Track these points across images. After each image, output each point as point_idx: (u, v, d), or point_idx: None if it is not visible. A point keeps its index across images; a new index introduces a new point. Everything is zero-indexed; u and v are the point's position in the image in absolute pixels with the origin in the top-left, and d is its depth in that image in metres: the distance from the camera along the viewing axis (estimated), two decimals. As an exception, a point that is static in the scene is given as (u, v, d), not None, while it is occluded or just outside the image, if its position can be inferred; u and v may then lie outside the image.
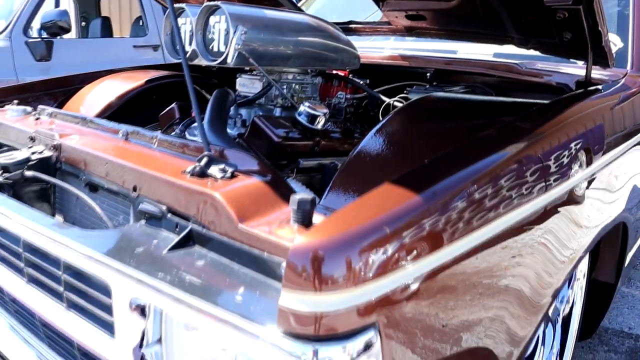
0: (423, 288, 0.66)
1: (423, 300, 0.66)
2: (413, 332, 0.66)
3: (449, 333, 0.73)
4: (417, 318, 0.66)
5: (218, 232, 0.78)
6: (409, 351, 0.66)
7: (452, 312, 0.71)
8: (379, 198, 0.67)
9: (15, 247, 1.00)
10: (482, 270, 0.76)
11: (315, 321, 0.58)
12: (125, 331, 0.80)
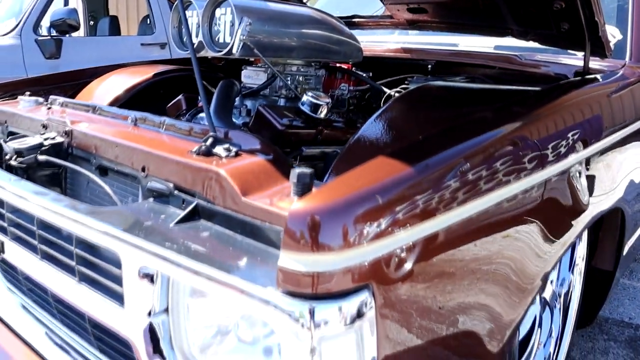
0: (414, 255, 0.70)
1: (414, 267, 0.70)
2: (405, 296, 0.70)
3: (440, 302, 0.77)
4: (409, 283, 0.70)
5: (222, 206, 0.82)
6: (402, 314, 0.70)
7: (443, 280, 0.75)
8: (373, 169, 0.71)
9: (30, 226, 1.05)
10: (472, 245, 0.80)
11: (312, 280, 0.62)
12: (134, 301, 0.84)
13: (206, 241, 0.77)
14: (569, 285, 1.47)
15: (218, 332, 0.82)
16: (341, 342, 0.64)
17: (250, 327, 0.79)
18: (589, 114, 1.21)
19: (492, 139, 0.87)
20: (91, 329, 0.99)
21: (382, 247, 0.66)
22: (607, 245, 1.58)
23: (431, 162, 0.75)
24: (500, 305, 0.91)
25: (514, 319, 0.96)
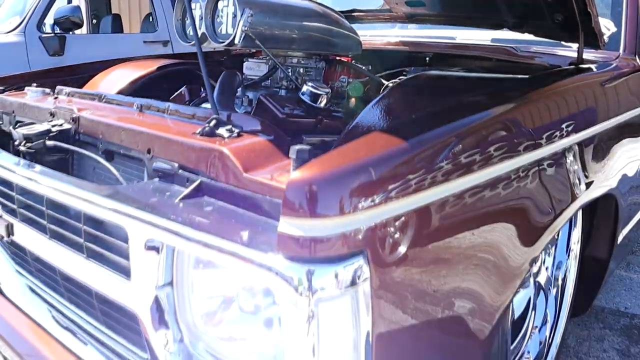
0: (406, 225, 0.74)
1: (406, 236, 0.74)
2: (399, 263, 0.74)
3: (432, 273, 0.81)
4: (402, 252, 0.74)
5: (225, 182, 0.86)
6: (396, 280, 0.74)
7: (434, 251, 0.79)
8: (369, 142, 0.76)
9: (39, 206, 1.09)
10: (461, 219, 0.84)
11: (309, 245, 0.66)
12: (140, 274, 0.88)
13: (209, 214, 0.81)
14: (565, 269, 1.51)
15: (221, 303, 0.86)
16: (338, 305, 0.68)
17: (251, 298, 0.83)
18: (582, 100, 1.25)
19: (484, 119, 0.91)
20: (98, 305, 1.03)
21: (376, 215, 0.70)
22: (602, 233, 1.62)
23: (424, 138, 0.80)
24: (489, 282, 0.95)
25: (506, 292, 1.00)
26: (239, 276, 0.82)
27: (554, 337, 1.51)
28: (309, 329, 0.68)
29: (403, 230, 0.74)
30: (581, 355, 1.70)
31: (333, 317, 0.68)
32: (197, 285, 0.86)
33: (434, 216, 0.79)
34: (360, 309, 0.70)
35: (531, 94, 1.07)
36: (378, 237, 0.71)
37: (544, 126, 1.05)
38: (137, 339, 0.98)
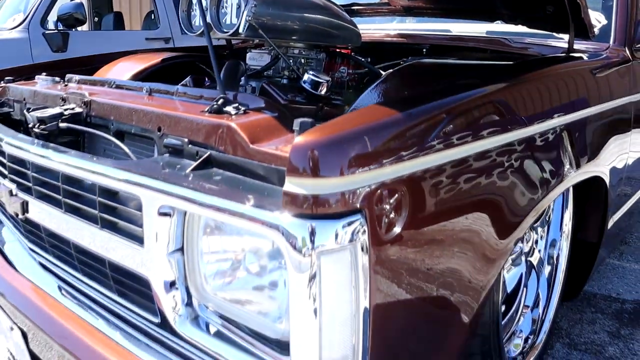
0: (400, 189, 0.81)
1: (401, 198, 0.81)
2: (393, 224, 0.81)
3: (425, 235, 0.88)
4: (397, 213, 0.81)
5: (233, 154, 0.93)
6: (391, 238, 0.80)
7: (428, 214, 0.86)
8: (367, 113, 0.82)
9: (55, 182, 1.16)
10: (450, 188, 0.91)
11: (312, 202, 0.73)
12: (152, 240, 0.95)
13: (219, 182, 0.88)
14: (558, 249, 1.58)
15: (228, 266, 0.93)
16: (338, 258, 0.75)
17: (257, 260, 0.89)
18: (571, 84, 1.32)
19: (473, 96, 0.98)
20: (111, 274, 1.10)
21: (372, 178, 0.77)
22: (593, 218, 1.69)
23: (416, 111, 0.87)
24: (478, 246, 1.01)
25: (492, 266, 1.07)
26: (245, 239, 0.89)
27: (547, 315, 1.58)
28: (311, 281, 0.75)
29: (397, 193, 0.81)
30: (573, 337, 1.77)
31: (333, 270, 0.75)
32: (206, 249, 0.93)
33: (425, 182, 0.86)
34: (358, 263, 0.76)
35: (520, 77, 1.14)
36: (375, 199, 0.78)
37: (532, 106, 1.12)
38: (149, 305, 1.05)
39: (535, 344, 1.53)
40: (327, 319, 0.77)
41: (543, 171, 1.17)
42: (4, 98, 1.75)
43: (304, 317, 0.77)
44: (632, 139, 1.72)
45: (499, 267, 1.08)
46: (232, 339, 0.93)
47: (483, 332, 1.15)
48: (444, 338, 0.98)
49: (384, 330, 0.83)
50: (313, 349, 0.78)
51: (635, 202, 2.09)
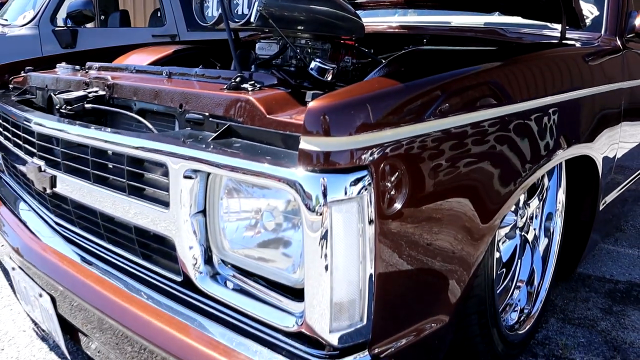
0: (401, 150, 0.92)
1: (402, 158, 0.92)
2: (395, 179, 0.92)
3: (424, 191, 0.98)
4: (399, 170, 0.92)
5: (250, 124, 1.04)
6: (391, 193, 0.91)
7: (424, 174, 0.97)
8: (371, 84, 0.94)
9: (84, 156, 1.27)
10: (445, 153, 1.02)
11: (324, 158, 0.84)
12: (177, 202, 1.06)
13: (238, 148, 0.99)
14: (553, 223, 1.68)
15: (247, 225, 1.04)
16: (346, 209, 0.86)
17: (273, 218, 1.00)
18: (563, 66, 1.43)
19: (468, 72, 1.09)
20: (136, 239, 1.21)
21: (376, 138, 0.88)
22: (586, 199, 1.80)
23: (415, 83, 0.98)
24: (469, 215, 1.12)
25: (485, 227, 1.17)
26: (262, 200, 1.00)
27: (542, 286, 1.69)
28: (323, 231, 0.85)
29: (400, 153, 0.92)
30: (567, 313, 1.87)
31: (343, 219, 0.86)
32: (226, 210, 1.04)
33: (423, 146, 0.97)
34: (364, 213, 0.87)
35: (512, 58, 1.25)
36: (381, 155, 0.89)
37: (522, 85, 1.23)
38: (171, 265, 1.16)
39: (531, 314, 1.64)
40: (338, 264, 0.88)
41: (532, 147, 1.28)
42: (26, 86, 1.87)
43: (317, 262, 0.88)
44: (622, 125, 1.83)
45: (494, 229, 1.18)
46: (249, 291, 1.04)
47: (479, 292, 1.25)
48: (444, 289, 1.09)
49: (388, 277, 0.94)
50: (325, 293, 0.89)
51: (627, 189, 2.19)
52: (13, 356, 1.53)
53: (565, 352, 1.63)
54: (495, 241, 1.28)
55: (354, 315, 0.92)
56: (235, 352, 0.97)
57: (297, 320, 0.95)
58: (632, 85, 1.88)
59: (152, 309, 1.12)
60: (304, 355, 0.95)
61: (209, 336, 1.02)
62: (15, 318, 1.73)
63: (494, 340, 1.37)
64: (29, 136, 1.51)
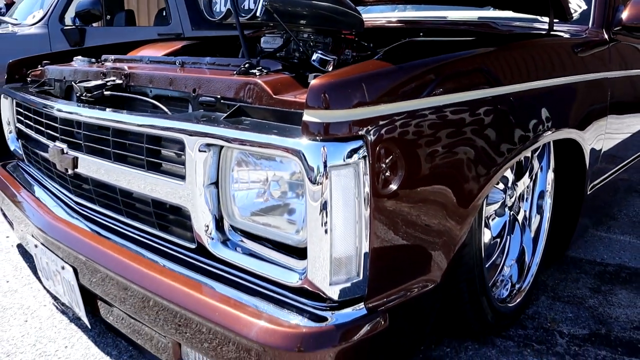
0: (394, 122, 1.05)
1: (393, 131, 1.05)
2: (386, 149, 1.05)
3: (415, 154, 1.11)
4: (391, 140, 1.05)
5: (258, 104, 1.18)
6: (385, 158, 1.04)
7: (413, 145, 1.10)
8: (367, 65, 1.07)
9: (105, 137, 1.40)
10: (434, 128, 1.15)
11: (324, 128, 0.97)
12: (192, 174, 1.19)
13: (248, 125, 1.12)
14: (545, 201, 1.81)
15: (255, 193, 1.17)
16: (344, 173, 0.99)
17: (279, 186, 1.13)
18: (552, 54, 1.56)
19: (458, 57, 1.22)
20: (154, 211, 1.34)
21: (371, 112, 1.01)
22: (575, 182, 1.92)
23: (407, 65, 1.11)
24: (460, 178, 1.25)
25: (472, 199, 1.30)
26: (269, 171, 1.13)
27: (533, 261, 1.81)
28: (324, 192, 0.98)
29: (392, 125, 1.05)
30: (557, 292, 1.99)
31: (341, 182, 0.99)
32: (237, 180, 1.17)
33: (415, 119, 1.10)
34: (360, 178, 1.00)
35: (501, 45, 1.38)
36: (375, 127, 1.02)
37: (510, 69, 1.36)
38: (186, 234, 1.29)
39: (521, 288, 1.76)
40: (337, 223, 1.01)
41: (517, 128, 1.40)
42: (44, 78, 2.00)
43: (318, 222, 1.00)
44: (608, 113, 1.95)
45: (481, 198, 1.30)
46: (256, 253, 1.17)
47: (468, 261, 1.38)
48: (433, 253, 1.21)
49: (381, 237, 1.07)
50: (325, 249, 1.02)
51: (618, 177, 2.31)
52: (36, 326, 1.66)
53: (553, 325, 1.75)
54: (482, 213, 1.41)
55: (351, 270, 1.05)
56: (245, 306, 1.10)
57: (300, 276, 1.08)
58: (618, 75, 2.00)
59: (170, 273, 1.25)
60: (306, 308, 1.08)
61: (221, 293, 1.15)
62: (36, 294, 1.87)
63: (483, 308, 1.49)
64: (51, 122, 1.65)
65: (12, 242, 2.35)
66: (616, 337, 1.70)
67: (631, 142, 2.31)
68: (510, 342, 1.65)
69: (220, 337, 1.09)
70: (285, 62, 1.75)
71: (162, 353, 1.31)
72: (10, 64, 2.24)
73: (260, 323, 1.05)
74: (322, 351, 1.02)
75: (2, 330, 1.64)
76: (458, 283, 1.40)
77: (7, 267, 2.09)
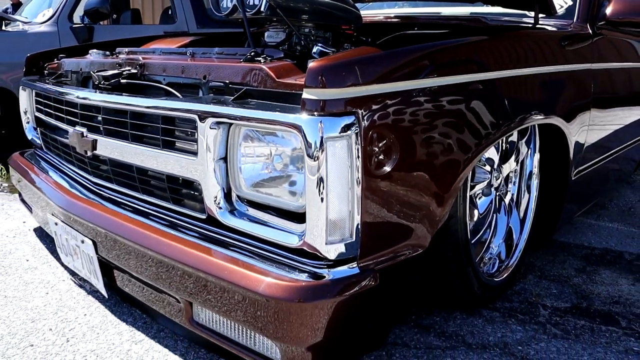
0: (383, 101, 1.21)
1: (381, 110, 1.21)
2: (375, 124, 1.20)
3: (402, 130, 1.27)
4: (380, 116, 1.20)
5: (263, 87, 1.33)
6: (374, 133, 1.20)
7: (402, 116, 1.26)
8: (360, 51, 1.23)
9: (123, 118, 1.56)
10: (421, 106, 1.30)
11: (321, 105, 1.13)
12: (204, 149, 1.35)
13: (254, 104, 1.28)
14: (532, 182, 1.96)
15: (260, 166, 1.32)
16: (338, 144, 1.14)
17: (281, 161, 1.29)
18: (535, 44, 1.71)
19: (443, 45, 1.38)
20: (168, 186, 1.50)
21: (363, 91, 1.17)
22: (559, 166, 2.07)
23: (396, 51, 1.27)
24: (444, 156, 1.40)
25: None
26: (272, 146, 1.29)
27: (520, 238, 1.96)
28: (321, 161, 1.14)
29: (383, 104, 1.20)
30: (544, 271, 2.14)
31: (336, 152, 1.14)
32: (243, 154, 1.33)
33: (403, 98, 1.26)
34: (352, 149, 1.16)
35: (499, 36, 1.55)
36: (366, 105, 1.17)
37: (493, 57, 1.51)
38: (197, 206, 1.45)
39: (509, 264, 1.91)
40: (332, 188, 1.16)
41: (497, 112, 1.55)
42: (61, 70, 2.17)
43: (316, 188, 1.16)
44: (592, 104, 2.10)
45: (466, 172, 1.45)
46: (261, 219, 1.33)
47: (454, 232, 1.53)
48: (420, 220, 1.36)
49: (372, 202, 1.22)
50: (321, 214, 1.17)
51: (605, 165, 2.46)
52: (56, 298, 1.82)
53: (537, 299, 1.90)
54: (467, 188, 1.56)
55: (344, 232, 1.20)
56: (252, 265, 1.26)
57: (299, 238, 1.23)
58: (601, 67, 2.15)
59: (183, 240, 1.41)
60: (305, 267, 1.23)
61: (229, 256, 1.31)
62: (55, 271, 2.03)
63: (469, 279, 1.64)
64: (72, 108, 1.81)
65: (29, 226, 2.51)
66: (595, 310, 1.85)
67: (616, 129, 2.45)
68: (496, 313, 1.80)
69: (229, 293, 1.25)
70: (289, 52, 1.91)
71: (175, 315, 1.46)
72: (28, 57, 2.40)
73: (266, 279, 1.20)
74: (319, 302, 1.17)
75: (26, 301, 1.80)
76: (445, 253, 1.55)
77: (26, 248, 2.25)
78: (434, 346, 1.59)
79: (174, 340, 1.59)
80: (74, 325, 1.65)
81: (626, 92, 2.52)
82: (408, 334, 1.65)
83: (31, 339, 1.58)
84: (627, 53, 2.51)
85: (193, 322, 1.41)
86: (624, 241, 2.49)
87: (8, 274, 2.02)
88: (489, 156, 1.77)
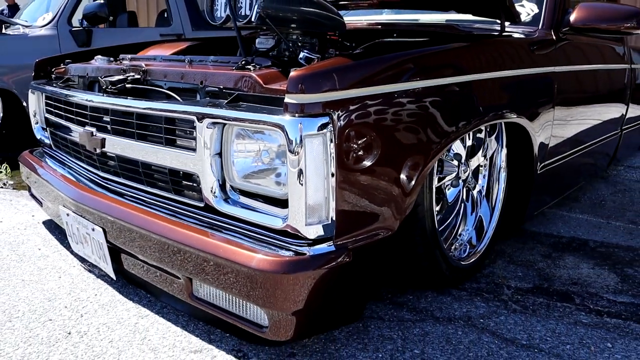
0: (356, 104, 1.45)
1: (354, 112, 1.46)
2: (347, 124, 1.45)
3: (371, 130, 1.51)
4: (352, 117, 1.45)
5: (252, 92, 1.58)
6: (348, 133, 1.44)
7: (371, 125, 1.50)
8: (335, 61, 1.47)
9: (129, 119, 1.81)
10: (391, 108, 1.55)
11: (301, 108, 1.37)
12: (202, 146, 1.59)
13: (244, 107, 1.53)
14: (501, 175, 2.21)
15: (250, 160, 1.57)
16: (316, 141, 1.39)
17: (268, 155, 1.53)
18: (502, 49, 1.96)
19: (414, 54, 1.63)
20: (170, 178, 1.74)
21: (338, 96, 1.41)
22: (524, 160, 2.31)
23: (369, 60, 1.52)
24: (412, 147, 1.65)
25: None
26: (260, 143, 1.53)
27: (489, 226, 2.21)
28: (300, 156, 1.38)
29: (353, 106, 1.45)
30: (513, 257, 2.39)
31: (313, 148, 1.39)
32: (236, 150, 1.57)
33: (373, 101, 1.50)
34: (327, 145, 1.40)
35: (469, 44, 1.79)
36: (339, 108, 1.42)
37: (462, 61, 1.76)
38: (195, 196, 1.69)
39: (478, 249, 2.16)
40: (310, 178, 1.40)
41: (461, 112, 1.80)
42: (68, 75, 2.41)
43: (297, 178, 1.40)
44: (555, 106, 2.35)
45: (433, 161, 1.70)
46: (250, 206, 1.57)
47: (421, 218, 1.78)
48: (389, 206, 1.61)
49: (345, 190, 1.46)
50: (301, 200, 1.42)
51: (574, 159, 2.71)
52: (69, 281, 2.06)
53: (503, 281, 2.15)
54: (433, 179, 1.81)
55: (321, 215, 1.45)
56: (243, 244, 1.50)
57: (283, 221, 1.48)
58: (564, 70, 2.40)
59: (183, 225, 1.65)
60: (288, 246, 1.48)
61: (224, 237, 1.56)
62: (65, 258, 2.27)
63: (437, 260, 1.89)
64: (82, 110, 2.05)
65: (38, 219, 2.75)
66: (554, 290, 2.10)
67: (582, 126, 2.71)
68: (464, 292, 2.05)
69: (224, 269, 1.49)
70: (276, 60, 2.15)
71: (177, 291, 1.71)
72: (37, 62, 2.64)
73: (256, 255, 1.44)
74: (301, 274, 1.42)
75: (42, 284, 2.05)
76: (414, 237, 1.80)
77: (37, 239, 2.50)
78: (405, 319, 1.83)
79: (175, 315, 1.83)
80: (86, 304, 1.90)
81: (591, 92, 2.77)
82: (383, 309, 1.89)
83: (49, 315, 1.82)
84: (592, 56, 2.77)
85: (193, 297, 1.66)
86: (591, 231, 2.74)
87: (23, 261, 2.26)
88: (457, 152, 2.02)
